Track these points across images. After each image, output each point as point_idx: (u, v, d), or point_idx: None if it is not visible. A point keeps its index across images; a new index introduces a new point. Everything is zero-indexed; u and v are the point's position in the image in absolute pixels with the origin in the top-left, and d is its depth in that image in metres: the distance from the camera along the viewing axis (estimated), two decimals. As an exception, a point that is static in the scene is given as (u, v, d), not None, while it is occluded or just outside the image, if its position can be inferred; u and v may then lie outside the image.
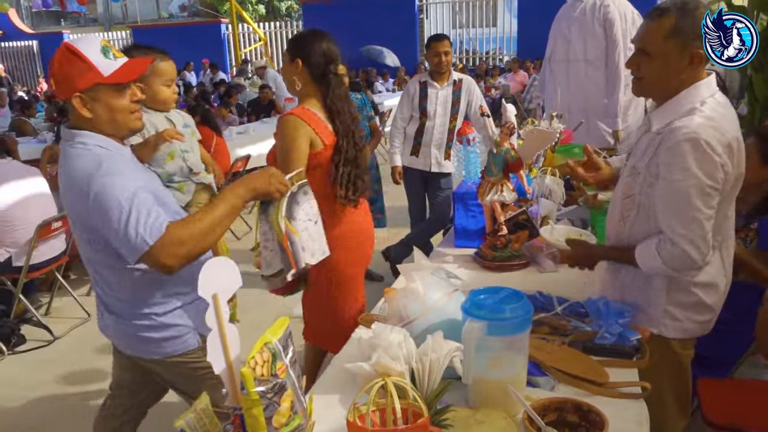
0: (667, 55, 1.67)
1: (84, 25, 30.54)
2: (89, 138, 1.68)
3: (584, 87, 4.42)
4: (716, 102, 1.70)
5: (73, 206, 1.69)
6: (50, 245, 4.21)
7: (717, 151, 1.63)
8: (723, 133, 1.65)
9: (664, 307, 1.82)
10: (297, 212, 1.82)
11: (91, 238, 1.71)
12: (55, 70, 1.65)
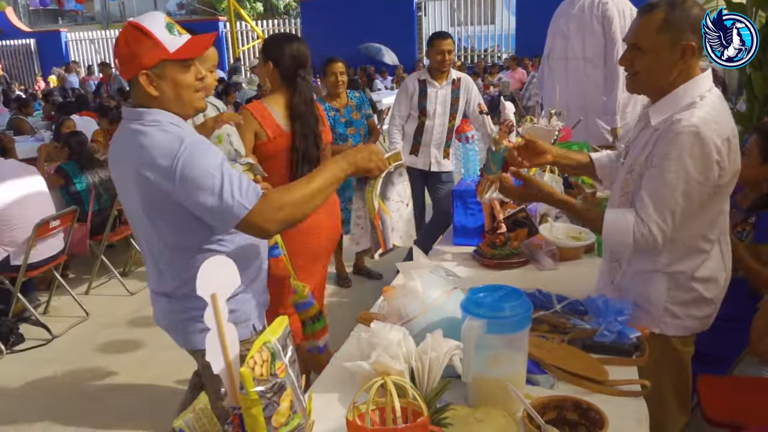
0: (659, 49, 1.67)
1: (81, 23, 30.46)
2: (162, 115, 1.65)
3: (583, 84, 4.41)
4: (715, 97, 1.71)
5: (147, 186, 1.61)
6: (48, 244, 4.20)
7: (715, 147, 1.63)
8: (723, 128, 1.65)
9: (665, 305, 1.82)
10: (391, 192, 1.84)
11: (169, 217, 1.66)
12: (121, 48, 1.62)
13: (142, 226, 1.73)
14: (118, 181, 1.75)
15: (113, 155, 1.75)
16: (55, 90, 14.96)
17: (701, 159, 1.62)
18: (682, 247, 1.77)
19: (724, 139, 1.64)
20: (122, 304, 4.71)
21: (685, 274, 1.79)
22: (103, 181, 4.94)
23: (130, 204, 1.73)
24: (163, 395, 3.42)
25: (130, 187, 1.66)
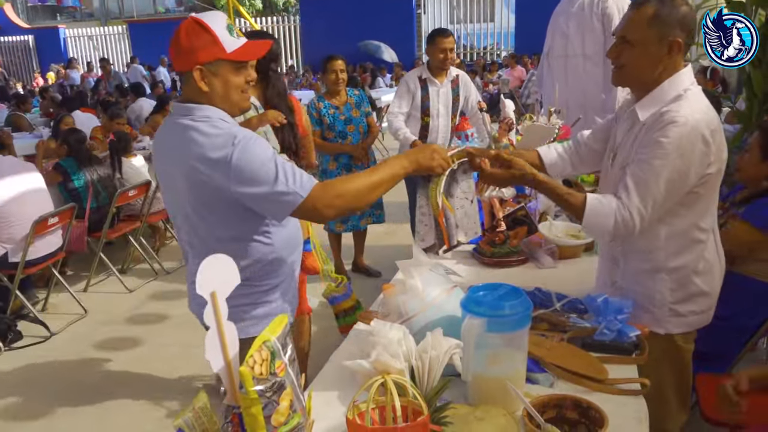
0: (647, 43, 1.69)
1: (80, 19, 30.39)
2: (212, 111, 1.69)
3: (582, 82, 4.40)
4: (698, 90, 1.74)
5: (199, 180, 1.64)
6: (46, 241, 4.19)
7: (702, 138, 1.64)
8: (709, 119, 1.67)
9: (669, 306, 1.82)
10: (455, 190, 1.87)
11: (218, 210, 1.70)
12: (181, 40, 1.66)
13: (187, 218, 1.76)
14: (164, 174, 1.80)
15: (160, 149, 1.78)
16: (53, 86, 14.93)
17: (688, 149, 1.64)
18: (678, 239, 1.78)
19: (711, 129, 1.66)
20: (121, 302, 4.70)
21: (686, 269, 1.80)
22: (101, 179, 4.93)
23: (176, 197, 1.76)
24: (162, 392, 3.41)
25: (179, 180, 1.69)
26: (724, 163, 1.75)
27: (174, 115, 1.73)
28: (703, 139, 1.64)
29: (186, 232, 1.81)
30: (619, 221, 1.70)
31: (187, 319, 4.24)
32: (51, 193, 4.44)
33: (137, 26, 21.57)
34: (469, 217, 1.93)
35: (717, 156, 1.69)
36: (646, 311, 1.83)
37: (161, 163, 1.80)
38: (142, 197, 5.11)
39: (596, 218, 1.73)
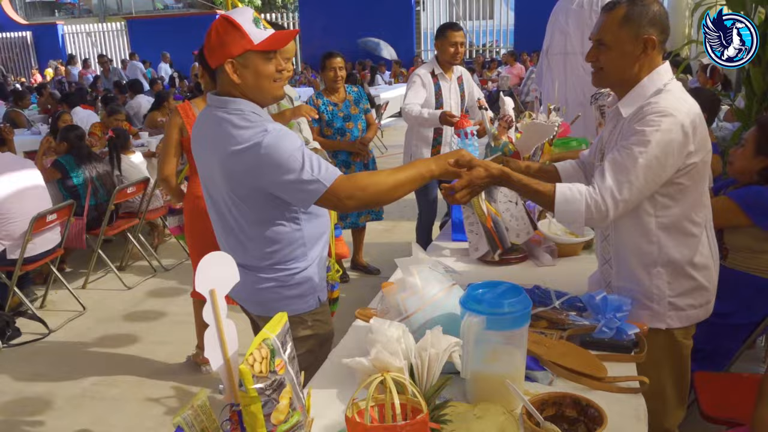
0: (622, 42, 1.73)
1: (78, 16, 30.32)
2: (244, 105, 1.80)
3: (581, 80, 4.40)
4: (678, 84, 1.76)
5: (234, 169, 1.77)
6: (45, 238, 4.19)
7: (682, 128, 1.65)
8: (690, 110, 1.69)
9: (668, 299, 1.82)
10: (496, 194, 1.90)
11: (252, 198, 1.81)
12: (212, 37, 1.77)
13: (224, 203, 1.87)
14: (201, 160, 1.93)
15: (198, 138, 1.92)
16: (51, 83, 14.89)
17: (667, 138, 1.65)
18: (671, 233, 1.78)
19: (691, 120, 1.67)
20: (119, 299, 4.70)
21: (681, 262, 1.80)
22: (100, 176, 4.92)
23: (213, 182, 1.88)
24: (160, 390, 3.41)
25: (215, 168, 1.82)
26: (708, 155, 1.76)
27: (210, 107, 1.85)
28: (682, 129, 1.65)
29: (221, 212, 1.91)
30: (590, 204, 1.69)
31: (186, 317, 4.26)
32: (50, 191, 4.44)
33: (136, 23, 21.51)
34: (518, 219, 1.95)
35: (699, 146, 1.70)
36: (645, 308, 1.83)
37: (199, 150, 1.93)
38: (141, 194, 5.10)
39: (567, 205, 1.72)
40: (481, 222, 1.87)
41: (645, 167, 1.65)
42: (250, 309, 2.02)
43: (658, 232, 1.77)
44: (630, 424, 1.39)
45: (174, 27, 19.09)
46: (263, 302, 1.95)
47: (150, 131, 7.18)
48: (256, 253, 1.90)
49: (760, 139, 2.42)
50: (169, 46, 17.49)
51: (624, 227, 1.83)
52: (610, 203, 1.67)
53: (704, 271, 1.83)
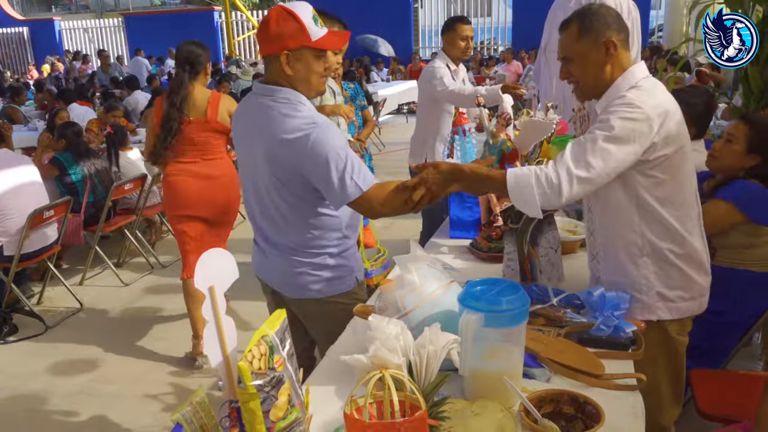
0: (585, 53, 1.80)
1: (75, 11, 30.19)
2: (292, 94, 1.86)
3: (579, 78, 4.39)
4: (652, 81, 1.79)
5: (278, 157, 1.83)
6: (42, 234, 4.18)
7: (647, 118, 1.66)
8: (659, 102, 1.71)
9: (656, 289, 1.83)
10: (540, 239, 2.03)
11: (291, 181, 1.87)
12: (271, 27, 1.81)
13: (266, 189, 1.93)
14: (243, 147, 1.99)
15: (241, 125, 1.99)
16: (48, 78, 14.84)
17: (629, 126, 1.66)
18: (653, 225, 1.79)
19: (658, 113, 1.69)
20: (116, 295, 4.69)
21: (667, 253, 1.81)
22: (98, 172, 4.91)
23: (253, 168, 1.95)
24: (158, 386, 3.41)
25: (258, 155, 1.88)
26: (682, 151, 1.77)
27: (256, 95, 1.92)
28: (647, 120, 1.67)
29: (261, 197, 1.97)
30: (540, 177, 1.68)
31: (183, 313, 4.25)
32: (47, 187, 4.43)
33: (133, 19, 21.43)
34: (554, 266, 2.07)
35: (666, 141, 1.71)
36: (635, 300, 1.84)
37: (241, 137, 2.00)
38: (138, 191, 5.09)
39: (517, 181, 1.71)
40: (519, 260, 2.00)
41: (603, 150, 1.66)
42: (287, 293, 2.07)
43: (640, 223, 1.79)
44: (627, 421, 1.40)
45: (171, 23, 19.03)
46: (302, 286, 2.01)
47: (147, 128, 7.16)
48: (294, 238, 1.97)
49: (753, 137, 2.42)
50: (167, 42, 17.42)
51: (607, 220, 1.85)
52: (563, 176, 1.66)
53: (693, 264, 1.84)
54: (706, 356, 2.46)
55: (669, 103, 1.75)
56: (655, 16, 17.70)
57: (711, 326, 2.39)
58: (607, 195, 1.81)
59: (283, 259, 2.01)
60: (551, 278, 2.05)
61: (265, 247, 2.07)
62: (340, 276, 2.02)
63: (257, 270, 2.16)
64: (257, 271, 2.16)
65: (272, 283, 2.11)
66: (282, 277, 2.05)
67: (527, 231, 1.99)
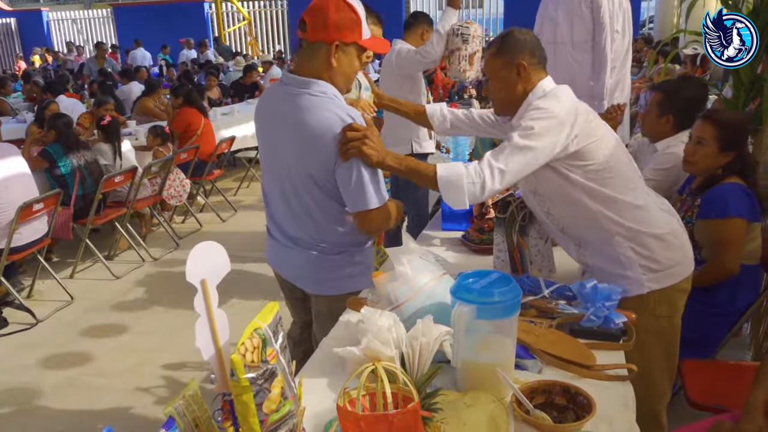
0: (497, 71, 1.92)
1: (63, 2, 29.87)
2: (328, 88, 1.85)
3: (571, 69, 4.39)
4: (563, 89, 1.92)
5: (313, 147, 1.82)
6: (31, 227, 4.15)
7: (555, 114, 1.77)
8: (567, 100, 1.85)
9: (639, 263, 1.88)
10: (530, 230, 2.06)
11: (326, 181, 1.87)
12: (330, 13, 1.77)
13: (291, 182, 1.93)
14: (269, 137, 1.96)
15: (269, 114, 1.95)
16: (37, 70, 14.68)
17: (541, 123, 1.76)
18: (613, 208, 1.86)
19: (569, 110, 1.80)
20: (107, 288, 4.68)
21: (638, 232, 1.87)
22: (88, 164, 4.87)
23: (278, 158, 1.94)
24: (149, 379, 3.41)
25: (288, 146, 1.88)
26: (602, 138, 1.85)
27: (287, 85, 1.88)
28: (556, 118, 1.77)
29: (296, 190, 1.93)
30: (470, 170, 1.76)
31: (174, 306, 4.25)
32: (37, 180, 4.39)
33: (122, 10, 21.24)
34: (544, 256, 2.10)
35: (583, 133, 1.80)
36: (622, 278, 1.88)
37: (269, 126, 1.96)
38: (129, 183, 5.06)
39: (448, 178, 1.78)
40: (509, 250, 2.03)
41: (519, 146, 1.76)
42: (308, 288, 2.08)
43: (598, 207, 1.86)
44: (618, 412, 1.41)
45: (161, 14, 18.88)
46: (325, 281, 2.02)
47: (138, 119, 7.12)
48: (319, 236, 1.96)
49: (722, 137, 2.43)
50: (155, 34, 17.28)
51: (569, 215, 1.92)
52: (486, 171, 1.76)
53: (661, 230, 1.90)
54: (696, 347, 2.47)
55: (575, 102, 1.87)
56: (646, 8, 17.73)
57: (701, 317, 2.41)
58: (559, 194, 1.89)
59: (307, 255, 2.00)
60: (542, 269, 2.06)
61: (282, 240, 2.06)
62: (362, 272, 2.01)
63: (273, 263, 2.17)
64: (273, 264, 2.17)
65: (293, 278, 2.12)
66: (305, 272, 2.04)
67: (515, 221, 2.03)
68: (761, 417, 1.64)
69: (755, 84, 3.84)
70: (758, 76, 3.82)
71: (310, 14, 1.81)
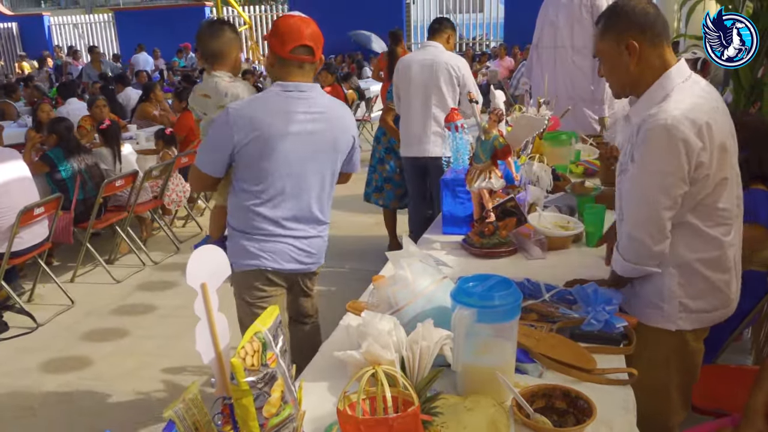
0: (608, 52, 1.77)
1: (65, 7, 29.98)
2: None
3: (571, 73, 4.42)
4: (692, 84, 1.72)
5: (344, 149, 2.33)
6: (32, 231, 4.15)
7: (683, 138, 1.62)
8: (696, 116, 1.63)
9: (679, 300, 1.80)
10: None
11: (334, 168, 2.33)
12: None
13: (325, 174, 2.29)
14: (311, 133, 2.20)
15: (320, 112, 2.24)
16: (35, 74, 14.72)
17: (670, 152, 1.63)
18: (682, 231, 1.75)
19: (698, 128, 1.62)
20: (107, 292, 4.67)
21: (694, 261, 1.76)
22: (89, 168, 4.88)
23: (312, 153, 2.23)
24: (149, 383, 3.40)
25: (329, 143, 2.26)
26: (721, 162, 1.70)
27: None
28: (683, 139, 1.61)
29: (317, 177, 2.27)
30: (623, 251, 1.76)
31: (174, 310, 4.24)
32: (37, 184, 4.39)
33: (123, 15, 21.30)
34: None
35: (705, 159, 1.65)
36: (656, 308, 1.82)
37: (313, 123, 2.20)
38: (129, 187, 5.06)
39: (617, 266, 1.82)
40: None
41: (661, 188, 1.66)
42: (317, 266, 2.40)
43: (674, 234, 1.74)
44: (619, 415, 1.40)
45: (162, 19, 18.94)
46: (324, 255, 2.44)
47: (139, 123, 7.13)
48: (325, 214, 2.37)
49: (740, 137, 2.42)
50: (157, 38, 17.34)
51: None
52: (642, 235, 1.71)
53: (718, 272, 1.79)
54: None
55: (709, 105, 1.69)
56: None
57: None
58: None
59: (324, 236, 2.39)
60: None
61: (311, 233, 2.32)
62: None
63: (296, 268, 2.32)
64: (295, 268, 2.32)
65: (310, 266, 2.36)
66: (320, 252, 2.38)
67: None
68: (761, 421, 1.64)
69: (755, 88, 3.85)
70: (758, 80, 3.84)
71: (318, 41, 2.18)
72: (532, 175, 2.79)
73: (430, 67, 3.97)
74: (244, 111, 2.12)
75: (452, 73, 3.95)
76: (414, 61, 4.07)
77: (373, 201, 4.93)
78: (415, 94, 4.01)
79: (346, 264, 4.92)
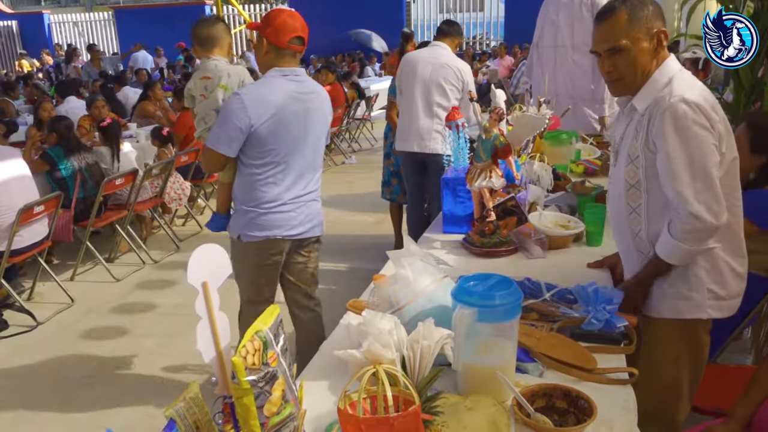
0: (638, 41, 1.71)
1: (65, 5, 29.94)
2: None
3: (571, 72, 4.42)
4: (687, 73, 1.78)
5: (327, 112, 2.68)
6: (32, 230, 4.15)
7: (705, 109, 1.65)
8: (705, 94, 1.69)
9: (707, 287, 1.80)
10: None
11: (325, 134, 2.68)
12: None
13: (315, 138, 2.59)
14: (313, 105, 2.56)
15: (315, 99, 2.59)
16: (34, 73, 14.71)
17: (697, 122, 1.64)
18: None
19: (711, 103, 1.67)
20: (107, 291, 4.67)
21: (717, 254, 1.78)
22: (89, 166, 4.87)
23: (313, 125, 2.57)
24: (149, 382, 3.40)
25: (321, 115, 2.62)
26: (731, 146, 1.74)
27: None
28: (703, 111, 1.64)
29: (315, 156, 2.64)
30: (679, 232, 1.69)
31: (175, 308, 4.25)
32: (37, 182, 4.39)
33: (123, 13, 21.27)
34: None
35: (722, 133, 1.69)
36: (686, 299, 1.81)
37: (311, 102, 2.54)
38: (129, 186, 5.06)
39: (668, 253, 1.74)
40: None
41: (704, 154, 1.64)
42: (317, 232, 2.71)
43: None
44: (619, 415, 1.40)
45: (162, 17, 18.91)
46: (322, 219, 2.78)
47: (139, 122, 7.12)
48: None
49: (754, 136, 2.39)
50: (157, 37, 17.32)
51: (658, 224, 1.81)
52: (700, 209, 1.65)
53: (739, 257, 1.82)
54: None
55: (707, 91, 1.72)
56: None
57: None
58: (659, 196, 1.77)
59: (319, 200, 2.68)
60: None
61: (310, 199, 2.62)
62: None
63: (300, 232, 2.60)
64: (300, 233, 2.60)
65: (313, 230, 2.66)
66: (318, 217, 2.69)
67: None
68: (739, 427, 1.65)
69: (756, 88, 3.85)
70: (759, 79, 3.83)
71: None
72: (532, 174, 2.78)
73: (438, 66, 4.00)
74: (257, 94, 2.42)
75: (458, 75, 4.00)
76: (421, 58, 4.09)
77: (383, 195, 5.01)
78: (418, 90, 4.03)
79: (346, 263, 4.92)
